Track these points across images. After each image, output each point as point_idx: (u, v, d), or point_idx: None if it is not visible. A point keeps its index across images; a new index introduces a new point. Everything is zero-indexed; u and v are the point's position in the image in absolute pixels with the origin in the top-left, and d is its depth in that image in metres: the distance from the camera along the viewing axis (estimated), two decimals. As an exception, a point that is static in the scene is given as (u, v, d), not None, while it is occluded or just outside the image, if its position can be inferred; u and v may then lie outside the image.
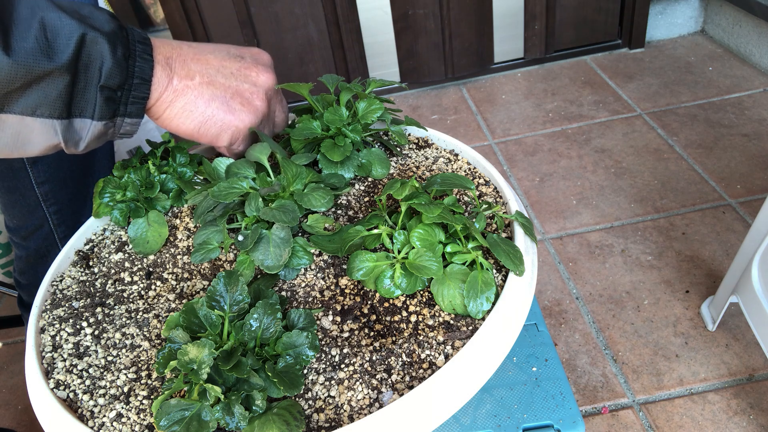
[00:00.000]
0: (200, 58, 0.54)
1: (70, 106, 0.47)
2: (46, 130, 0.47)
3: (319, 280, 0.57)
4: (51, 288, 0.63)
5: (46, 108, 0.46)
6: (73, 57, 0.45)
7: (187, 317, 0.48)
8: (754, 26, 1.96)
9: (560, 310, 1.31)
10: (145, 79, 0.50)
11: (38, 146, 0.48)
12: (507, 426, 0.63)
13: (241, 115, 0.56)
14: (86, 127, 0.49)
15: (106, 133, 0.50)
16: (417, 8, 2.04)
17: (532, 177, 1.70)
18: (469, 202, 0.62)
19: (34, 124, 0.46)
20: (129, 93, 0.49)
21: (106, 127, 0.50)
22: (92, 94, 0.47)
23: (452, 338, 0.50)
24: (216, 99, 0.54)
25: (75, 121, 0.48)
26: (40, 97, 0.45)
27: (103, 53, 0.47)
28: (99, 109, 0.48)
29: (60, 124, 0.47)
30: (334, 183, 0.63)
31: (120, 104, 0.49)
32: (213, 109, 0.54)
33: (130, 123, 0.51)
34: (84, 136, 0.49)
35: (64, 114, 0.47)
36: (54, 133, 0.47)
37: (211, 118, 0.54)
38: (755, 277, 0.99)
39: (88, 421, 0.49)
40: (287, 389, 0.45)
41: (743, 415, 1.06)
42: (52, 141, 0.48)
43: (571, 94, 2.03)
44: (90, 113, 0.48)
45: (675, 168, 1.64)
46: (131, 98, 0.50)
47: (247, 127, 0.57)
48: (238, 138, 0.58)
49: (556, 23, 2.13)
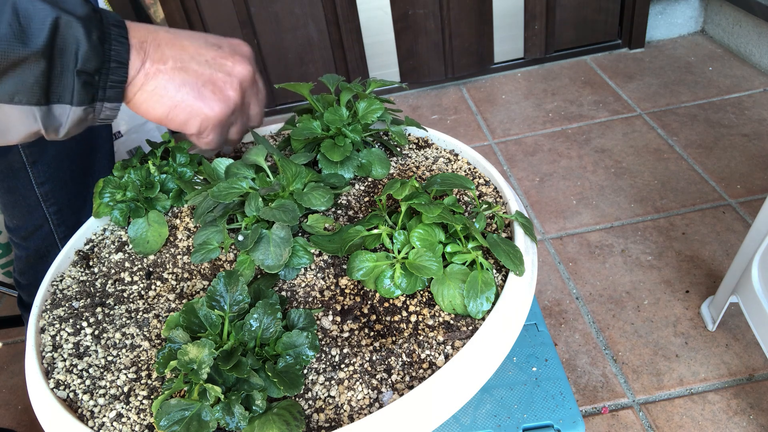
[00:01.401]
0: (176, 43, 0.54)
1: (48, 92, 0.47)
2: (25, 117, 0.47)
3: (319, 280, 0.57)
4: (51, 288, 0.63)
5: (23, 95, 0.45)
6: (48, 42, 0.45)
7: (187, 317, 0.48)
8: (754, 26, 1.96)
9: (560, 310, 1.31)
10: (121, 62, 0.49)
11: (18, 134, 0.48)
12: (507, 426, 0.63)
13: (211, 103, 0.55)
14: (65, 113, 0.48)
15: (86, 119, 0.50)
16: (417, 8, 2.04)
17: (532, 177, 1.70)
18: (469, 202, 0.62)
19: (12, 112, 0.46)
20: (107, 77, 0.49)
21: (86, 112, 0.49)
22: (69, 80, 0.47)
23: (452, 338, 0.50)
24: (186, 84, 0.53)
25: (54, 107, 0.48)
26: (17, 83, 0.45)
27: (78, 37, 0.46)
28: (77, 94, 0.48)
29: (39, 110, 0.47)
30: (333, 183, 0.63)
31: (98, 89, 0.49)
32: (183, 95, 0.53)
33: (109, 108, 0.51)
34: (64, 122, 0.49)
35: (43, 100, 0.47)
36: (33, 120, 0.47)
37: (180, 104, 0.54)
38: (755, 277, 0.99)
39: (88, 421, 0.49)
40: (287, 389, 0.45)
41: (743, 415, 1.06)
42: (31, 128, 0.48)
43: (571, 94, 2.03)
44: (68, 99, 0.48)
45: (675, 168, 1.64)
46: (109, 82, 0.49)
47: (217, 116, 0.56)
48: (207, 126, 0.56)
49: (556, 23, 2.13)
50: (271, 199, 0.57)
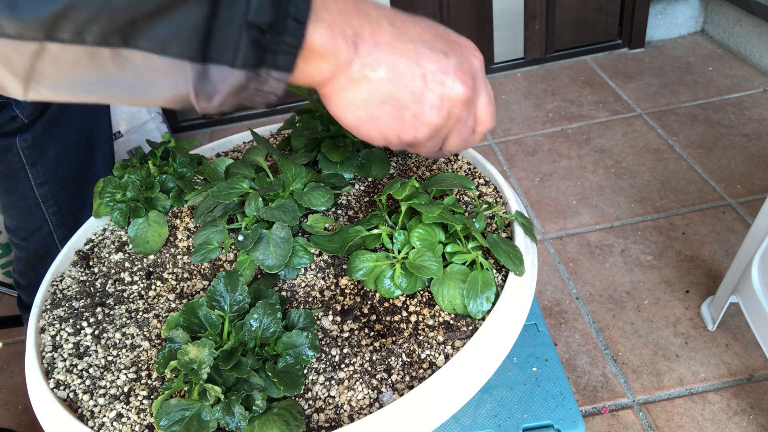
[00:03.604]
0: (396, 46, 0.45)
1: (207, 45, 0.38)
2: (174, 73, 0.38)
3: (319, 280, 0.57)
4: (51, 288, 0.63)
5: (177, 44, 0.37)
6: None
7: (187, 317, 0.48)
8: (754, 26, 1.96)
9: (560, 310, 1.31)
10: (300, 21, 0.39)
11: (163, 93, 0.39)
12: (507, 426, 0.63)
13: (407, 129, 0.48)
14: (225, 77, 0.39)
15: (247, 87, 0.40)
16: (417, 8, 2.04)
17: (532, 177, 1.70)
18: (469, 202, 0.62)
19: (161, 64, 0.37)
20: (280, 37, 0.39)
21: (248, 78, 0.40)
22: (234, 32, 0.37)
23: (452, 338, 0.50)
24: (389, 102, 0.46)
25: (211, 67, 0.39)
26: (172, 28, 0.36)
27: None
28: (242, 53, 0.38)
29: (192, 68, 0.38)
30: (334, 183, 0.63)
31: (267, 51, 0.39)
32: (381, 113, 0.46)
33: (275, 78, 0.41)
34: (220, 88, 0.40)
35: (198, 56, 0.38)
36: (183, 79, 0.38)
37: (375, 121, 0.47)
38: (755, 277, 0.99)
39: (88, 421, 0.49)
40: (287, 389, 0.45)
41: (743, 415, 1.06)
42: (180, 89, 0.39)
43: (571, 94, 2.03)
44: (230, 58, 0.38)
45: (675, 168, 1.64)
46: (282, 44, 0.39)
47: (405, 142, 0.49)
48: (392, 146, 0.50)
49: (556, 23, 2.13)
50: (271, 199, 0.57)
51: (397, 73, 0.45)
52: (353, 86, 0.44)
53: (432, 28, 0.48)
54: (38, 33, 0.34)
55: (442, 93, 0.47)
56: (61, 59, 0.36)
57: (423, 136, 0.48)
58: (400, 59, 0.45)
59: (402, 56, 0.45)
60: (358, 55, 0.43)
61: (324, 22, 0.41)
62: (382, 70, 0.44)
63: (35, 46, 0.35)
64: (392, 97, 0.46)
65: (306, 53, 0.41)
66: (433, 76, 0.46)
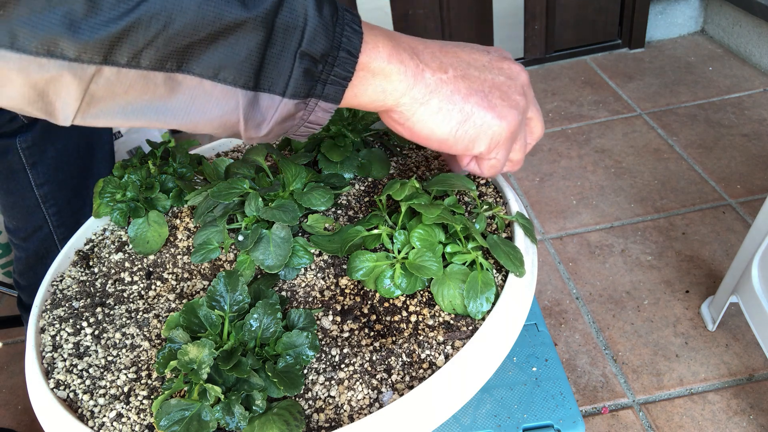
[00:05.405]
0: (448, 50, 0.46)
1: (260, 73, 0.38)
2: (226, 100, 0.38)
3: (319, 280, 0.57)
4: (51, 288, 0.63)
5: (230, 71, 0.37)
6: (272, 8, 0.36)
7: (187, 317, 0.48)
8: (754, 26, 1.96)
9: (560, 310, 1.31)
10: (352, 53, 0.40)
11: (212, 120, 0.39)
12: (507, 426, 0.63)
13: (502, 110, 0.46)
14: (274, 106, 0.39)
15: (294, 117, 0.41)
16: (417, 8, 2.04)
17: (532, 177, 1.70)
18: (470, 202, 0.62)
19: (213, 90, 0.37)
20: (331, 68, 0.39)
21: (297, 108, 0.40)
22: (288, 62, 0.38)
23: (452, 338, 0.50)
24: (473, 93, 0.45)
25: (261, 96, 0.39)
26: (226, 55, 0.36)
27: (308, 8, 0.37)
28: (294, 82, 0.38)
29: (244, 96, 0.38)
30: (334, 183, 0.63)
31: (318, 81, 0.39)
32: (472, 105, 0.45)
33: (322, 109, 0.41)
34: (269, 116, 0.40)
35: (251, 83, 0.38)
36: (235, 106, 0.38)
37: (471, 116, 0.45)
38: (755, 277, 0.99)
39: (88, 421, 0.49)
40: (287, 389, 0.45)
41: (743, 415, 1.06)
42: (229, 116, 0.39)
43: (571, 94, 2.03)
44: (281, 87, 0.39)
45: (675, 168, 1.64)
46: (332, 75, 0.39)
47: (510, 125, 0.47)
48: (498, 141, 0.48)
49: (556, 23, 2.13)
50: (271, 199, 0.57)
51: (463, 69, 0.46)
52: (434, 94, 0.44)
53: (454, 42, 0.49)
54: (97, 56, 0.33)
55: (510, 74, 0.48)
56: (115, 83, 0.35)
57: (519, 117, 0.48)
58: (458, 59, 0.46)
59: (457, 56, 0.46)
60: (424, 63, 0.44)
61: (405, 53, 0.42)
62: (450, 69, 0.45)
63: (92, 70, 0.34)
64: (473, 89, 0.46)
65: (357, 79, 0.41)
66: (491, 65, 0.47)
